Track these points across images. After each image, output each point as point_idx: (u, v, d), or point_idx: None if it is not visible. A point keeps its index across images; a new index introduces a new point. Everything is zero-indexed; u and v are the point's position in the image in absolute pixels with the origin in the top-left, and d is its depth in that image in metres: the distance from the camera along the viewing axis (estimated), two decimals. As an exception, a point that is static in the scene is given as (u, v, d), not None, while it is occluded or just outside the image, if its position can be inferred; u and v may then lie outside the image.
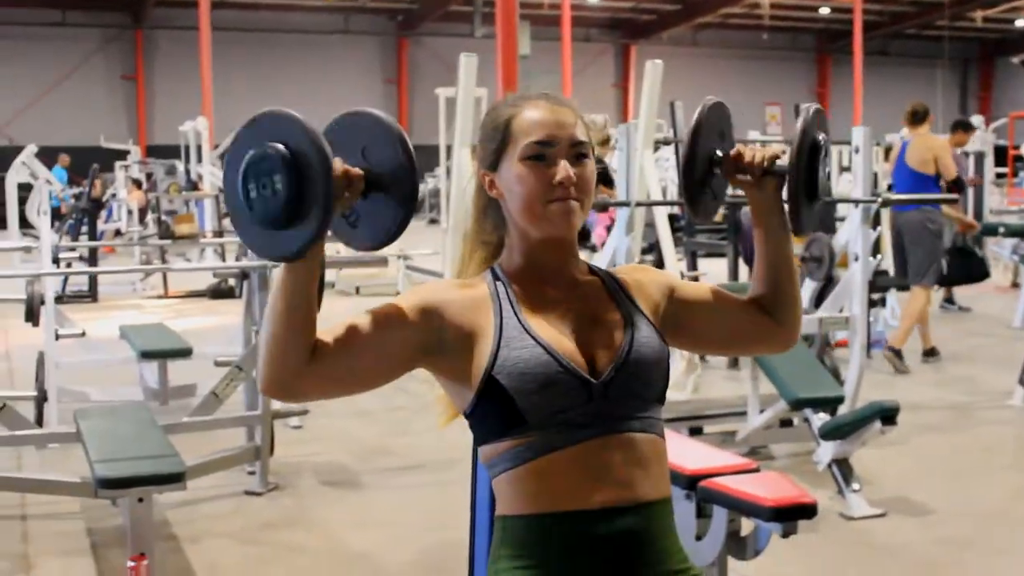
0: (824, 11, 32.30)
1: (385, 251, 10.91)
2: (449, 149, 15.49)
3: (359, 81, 31.02)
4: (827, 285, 6.12)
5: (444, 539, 4.65)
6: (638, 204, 5.84)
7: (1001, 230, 10.10)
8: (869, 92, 30.10)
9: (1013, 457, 6.19)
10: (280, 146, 1.66)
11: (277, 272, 1.73)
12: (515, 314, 1.84)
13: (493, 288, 1.88)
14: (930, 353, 8.41)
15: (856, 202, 5.64)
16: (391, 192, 1.74)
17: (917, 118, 8.47)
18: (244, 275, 5.38)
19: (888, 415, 4.72)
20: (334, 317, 1.86)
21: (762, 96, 34.00)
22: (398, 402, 7.18)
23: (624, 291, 1.94)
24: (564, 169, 1.82)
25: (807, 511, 3.38)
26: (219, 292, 12.57)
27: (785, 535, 3.35)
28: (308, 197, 1.65)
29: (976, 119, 16.53)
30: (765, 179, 1.96)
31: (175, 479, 3.96)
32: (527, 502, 1.80)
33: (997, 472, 5.71)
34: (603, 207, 7.48)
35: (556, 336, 1.83)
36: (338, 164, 1.68)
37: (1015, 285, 13.04)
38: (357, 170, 1.71)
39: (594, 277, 1.95)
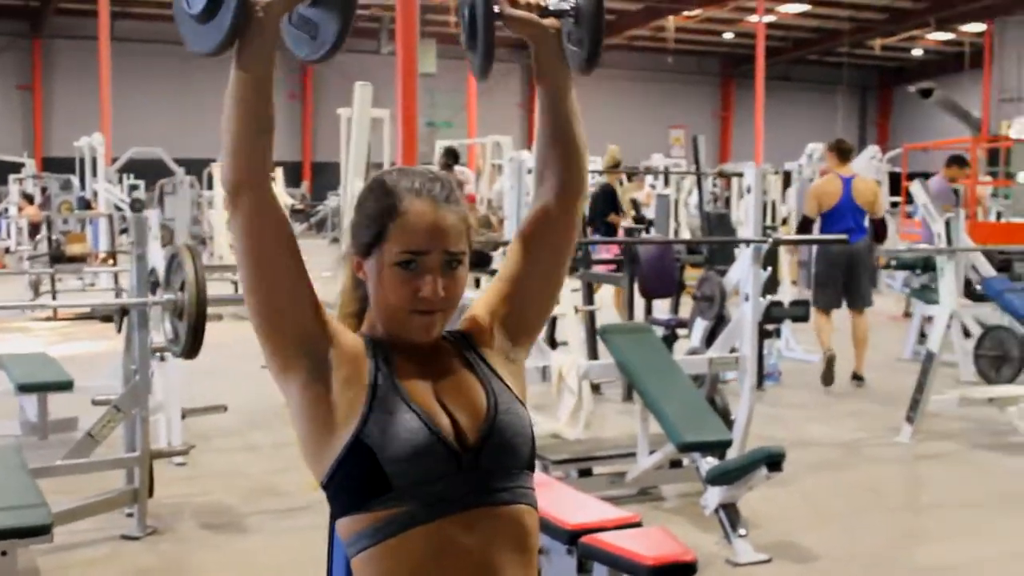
0: (728, 36, 32.78)
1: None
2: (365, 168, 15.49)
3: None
4: (718, 324, 6.14)
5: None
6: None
7: (892, 263, 10.25)
8: (771, 116, 30.51)
9: (900, 498, 6.26)
10: None
11: (231, 74, 1.69)
12: (389, 376, 1.77)
13: (369, 344, 1.82)
14: (857, 377, 8.97)
15: (747, 242, 5.67)
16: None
17: (844, 156, 8.92)
18: (124, 311, 5.23)
19: (774, 461, 4.71)
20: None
21: (667, 119, 34.39)
22: (287, 436, 7.03)
23: (476, 351, 1.88)
24: (430, 283, 1.76)
25: (687, 569, 3.35)
26: (110, 316, 12.24)
27: (667, 595, 3.31)
28: None
29: (872, 148, 16.86)
30: (546, 22, 1.89)
31: (40, 531, 3.82)
32: None
33: (884, 514, 5.74)
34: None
35: (427, 403, 1.76)
36: None
37: (907, 315, 13.31)
38: None
39: (447, 343, 1.89)
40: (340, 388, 1.75)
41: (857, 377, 9.00)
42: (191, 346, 4.77)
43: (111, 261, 13.79)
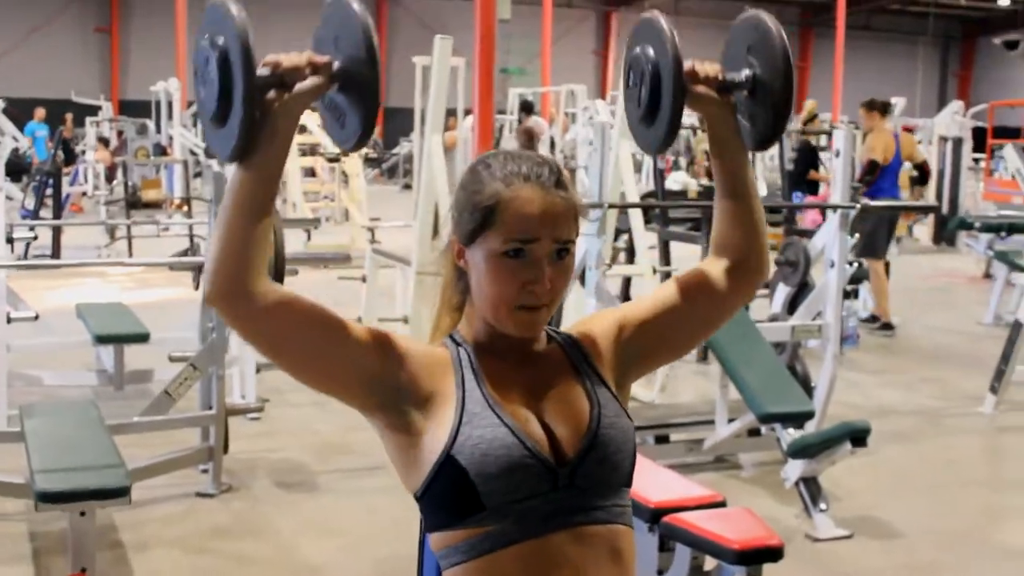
0: (808, -16, 32.13)
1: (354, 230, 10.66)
2: (424, 115, 15.41)
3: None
4: (801, 290, 6.00)
5: (399, 552, 4.52)
6: (610, 206, 5.68)
7: (976, 225, 9.98)
8: (850, 67, 29.90)
9: (982, 471, 6.12)
10: (218, 39, 1.59)
11: (232, 173, 1.61)
12: (478, 387, 1.69)
13: (455, 353, 1.74)
14: (887, 327, 9.01)
15: (835, 207, 5.51)
16: (357, 88, 1.62)
17: (885, 111, 8.87)
18: (199, 268, 5.20)
19: (858, 436, 4.61)
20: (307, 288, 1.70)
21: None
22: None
23: (586, 359, 1.79)
24: (539, 274, 1.66)
25: (773, 554, 3.27)
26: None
27: (749, 577, 3.23)
28: (234, 91, 1.56)
29: (955, 104, 16.46)
30: (723, 95, 1.82)
31: (119, 493, 3.80)
32: None
33: (967, 488, 5.61)
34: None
35: (522, 416, 1.68)
36: (301, 53, 1.59)
37: (987, 276, 13.03)
38: (323, 57, 1.61)
39: (553, 345, 1.80)
40: (423, 410, 1.68)
41: (888, 326, 9.14)
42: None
43: (185, 208, 13.87)
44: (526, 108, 13.63)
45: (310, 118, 14.68)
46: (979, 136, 17.12)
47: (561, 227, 1.69)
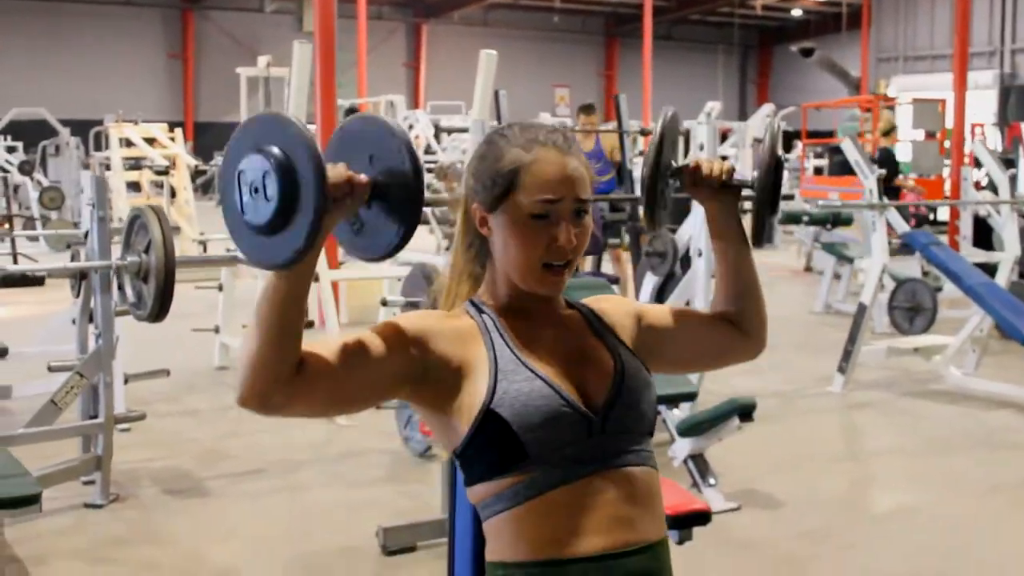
0: (612, -6, 32.95)
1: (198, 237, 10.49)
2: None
3: (141, 55, 29.83)
4: (668, 280, 6.22)
5: (308, 552, 4.53)
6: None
7: (805, 218, 10.46)
8: (655, 75, 30.80)
9: (843, 445, 6.46)
10: (274, 149, 1.58)
11: (267, 278, 1.63)
12: (508, 347, 1.79)
13: (480, 320, 1.83)
14: None
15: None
16: (395, 204, 1.68)
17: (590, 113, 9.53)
18: (82, 275, 5.08)
19: (745, 412, 4.83)
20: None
21: (551, 78, 34.45)
22: (229, 400, 6.92)
23: (603, 323, 1.92)
24: (566, 232, 1.78)
25: (703, 517, 3.42)
26: (9, 280, 11.85)
27: (680, 542, 3.36)
28: (300, 204, 1.57)
29: (767, 107, 17.18)
30: (724, 191, 1.96)
31: (29, 501, 3.71)
32: (530, 546, 1.73)
33: (834, 462, 5.93)
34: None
35: (551, 370, 1.78)
36: (342, 169, 1.63)
37: (808, 269, 13.65)
38: (363, 177, 1.65)
39: (573, 311, 1.93)
40: (458, 379, 1.76)
41: None
42: (159, 309, 4.65)
43: (6, 225, 13.35)
44: (352, 112, 13.56)
45: (135, 131, 14.37)
46: (789, 139, 17.94)
47: (580, 187, 1.81)
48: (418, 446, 5.67)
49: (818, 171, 17.71)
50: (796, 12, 34.61)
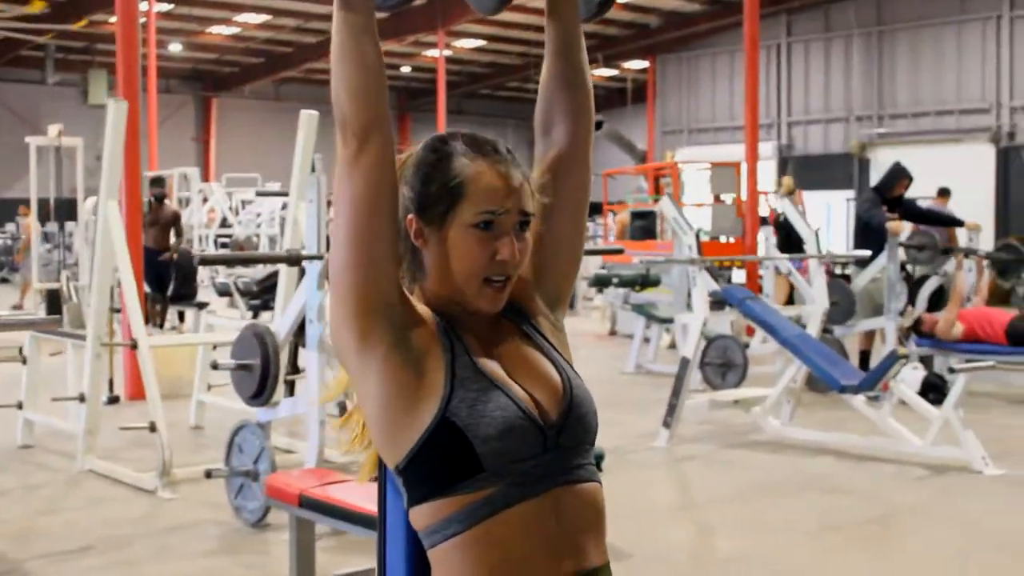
0: (406, 70, 33.20)
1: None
2: (51, 201, 14.59)
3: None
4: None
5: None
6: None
7: (615, 280, 10.66)
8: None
9: (678, 496, 6.52)
10: None
11: (335, 19, 1.67)
12: (465, 353, 1.71)
13: (438, 320, 1.74)
14: None
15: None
16: None
17: None
18: None
19: (597, 461, 4.79)
20: None
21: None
22: (39, 478, 6.56)
23: (530, 322, 1.83)
24: (509, 245, 1.72)
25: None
26: None
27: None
28: None
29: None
30: None
31: None
32: (482, 574, 1.63)
33: (672, 512, 5.98)
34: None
35: (505, 380, 1.70)
36: None
37: (613, 333, 13.90)
38: None
39: (504, 320, 1.82)
40: (419, 359, 1.68)
41: None
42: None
43: None
44: (159, 184, 13.20)
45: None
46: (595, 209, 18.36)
47: (525, 199, 1.76)
48: (252, 516, 5.45)
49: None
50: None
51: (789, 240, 11.59)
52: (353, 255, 1.65)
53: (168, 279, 12.24)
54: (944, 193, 14.34)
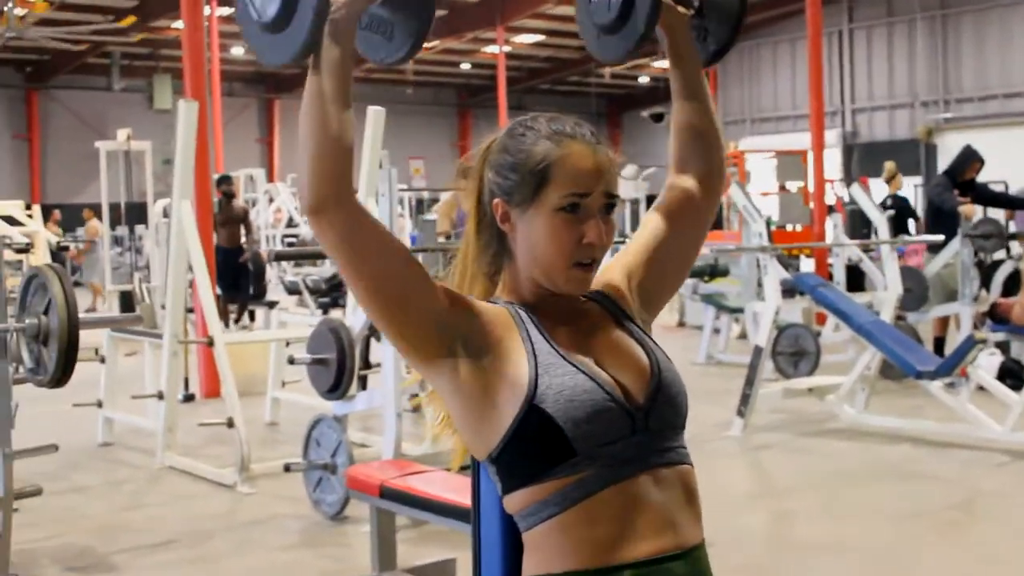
0: (465, 66, 33.26)
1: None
2: (122, 205, 14.82)
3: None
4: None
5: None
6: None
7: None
8: (511, 145, 31.15)
9: (757, 485, 6.50)
10: None
11: (306, 84, 1.61)
12: (545, 340, 1.70)
13: (511, 310, 1.74)
14: None
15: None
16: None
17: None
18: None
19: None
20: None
21: (407, 151, 34.46)
22: (120, 475, 6.66)
23: (621, 310, 1.83)
24: (596, 228, 1.70)
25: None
26: None
27: None
28: None
29: (630, 169, 17.48)
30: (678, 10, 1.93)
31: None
32: (581, 553, 1.63)
33: (752, 500, 5.96)
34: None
35: (590, 365, 1.69)
36: None
37: (681, 324, 13.83)
38: None
39: (591, 303, 1.82)
40: (494, 359, 1.67)
41: None
42: (61, 373, 4.42)
43: None
44: (227, 182, 13.31)
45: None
46: (650, 200, 18.27)
47: (611, 181, 1.74)
48: (330, 508, 5.50)
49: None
50: (643, 79, 35.47)
51: (901, 223, 11.46)
52: (375, 312, 1.67)
53: (243, 278, 12.29)
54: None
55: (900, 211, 11.66)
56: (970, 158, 9.60)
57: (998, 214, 14.11)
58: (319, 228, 1.61)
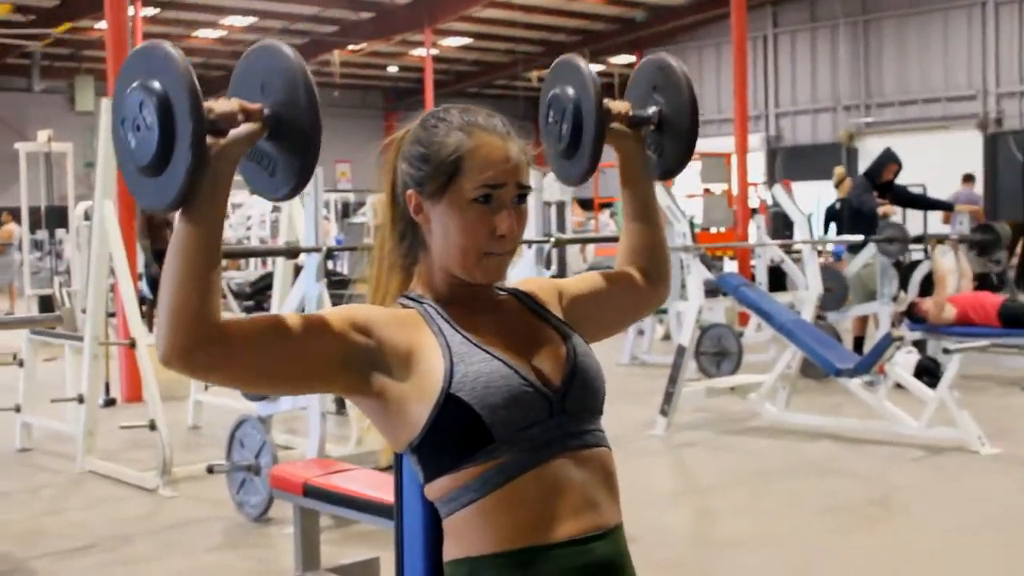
0: (392, 69, 33.19)
1: None
2: (42, 208, 14.56)
3: None
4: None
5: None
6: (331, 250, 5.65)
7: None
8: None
9: (681, 482, 6.56)
10: (148, 81, 1.53)
11: (175, 228, 1.56)
12: (457, 331, 1.72)
13: (421, 309, 1.76)
14: None
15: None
16: (289, 133, 1.58)
17: None
18: None
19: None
20: None
21: (333, 153, 34.29)
22: (40, 480, 6.56)
23: (542, 306, 1.87)
24: (508, 219, 1.73)
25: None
26: None
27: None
28: (178, 136, 1.51)
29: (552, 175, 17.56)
30: (633, 130, 1.99)
31: None
32: (501, 537, 1.66)
33: (675, 497, 6.01)
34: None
35: (503, 352, 1.72)
36: (233, 101, 1.56)
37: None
38: (255, 104, 1.58)
39: (507, 296, 1.87)
40: (406, 367, 1.69)
41: None
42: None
43: None
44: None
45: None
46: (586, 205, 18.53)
47: (522, 172, 1.77)
48: (254, 510, 5.46)
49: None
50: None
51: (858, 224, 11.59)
52: (288, 393, 1.77)
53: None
54: (969, 179, 14.56)
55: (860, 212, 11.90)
56: (888, 160, 9.80)
57: (916, 216, 14.44)
58: (188, 373, 1.58)
